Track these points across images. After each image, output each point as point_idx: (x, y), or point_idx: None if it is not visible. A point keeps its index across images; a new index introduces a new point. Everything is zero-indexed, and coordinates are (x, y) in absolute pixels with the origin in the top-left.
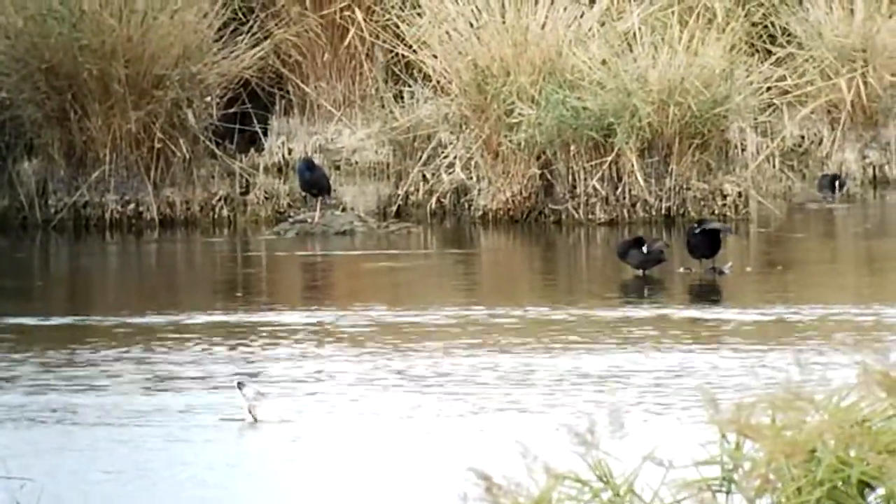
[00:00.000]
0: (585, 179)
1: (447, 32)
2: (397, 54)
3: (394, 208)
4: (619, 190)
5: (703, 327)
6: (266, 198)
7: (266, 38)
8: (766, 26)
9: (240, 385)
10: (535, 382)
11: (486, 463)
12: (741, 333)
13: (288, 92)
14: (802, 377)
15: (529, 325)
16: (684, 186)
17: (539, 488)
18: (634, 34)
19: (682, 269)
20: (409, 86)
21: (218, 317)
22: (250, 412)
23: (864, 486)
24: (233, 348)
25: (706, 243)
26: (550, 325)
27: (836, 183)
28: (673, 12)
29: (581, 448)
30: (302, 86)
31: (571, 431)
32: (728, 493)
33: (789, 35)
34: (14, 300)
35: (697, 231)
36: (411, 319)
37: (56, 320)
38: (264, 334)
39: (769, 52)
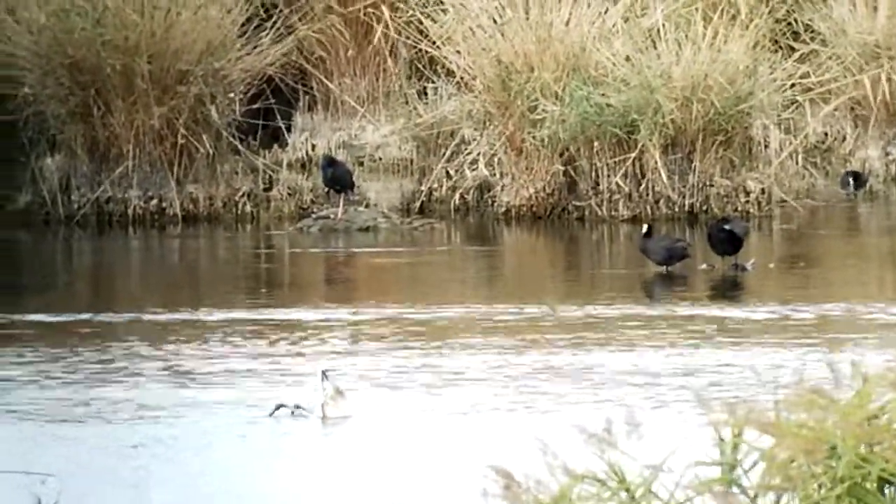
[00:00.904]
0: (609, 176)
1: (471, 29)
2: (421, 51)
3: (417, 204)
4: (643, 186)
5: (726, 325)
6: (289, 194)
7: (290, 33)
8: (789, 23)
9: (324, 375)
10: (554, 380)
11: (505, 460)
12: (763, 331)
13: (311, 88)
14: (831, 375)
15: (550, 322)
16: (707, 183)
17: (558, 487)
18: (658, 30)
19: (704, 266)
20: (433, 82)
21: (242, 313)
22: (322, 407)
23: (885, 482)
24: (256, 345)
25: (729, 240)
26: (571, 323)
27: (854, 179)
28: (697, 9)
29: (598, 447)
30: (326, 82)
31: (587, 431)
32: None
33: (813, 32)
34: (38, 296)
35: (725, 228)
36: (432, 316)
37: (80, 316)
38: (287, 331)
39: (792, 49)
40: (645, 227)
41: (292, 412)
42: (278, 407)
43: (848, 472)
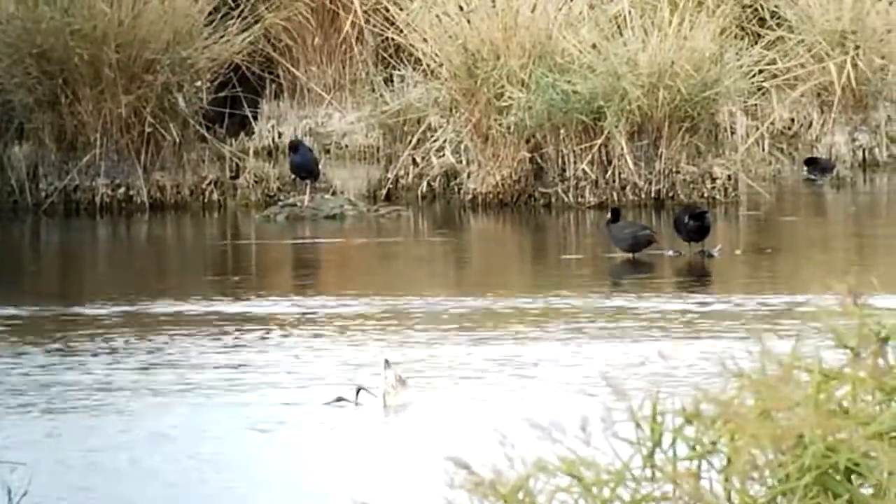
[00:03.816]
0: (575, 163)
1: (437, 16)
2: (387, 38)
3: (384, 192)
4: (609, 173)
5: (692, 313)
6: (256, 181)
7: (256, 22)
8: (755, 9)
9: (387, 363)
10: (519, 372)
11: (470, 453)
12: (731, 319)
13: (278, 76)
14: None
15: (517, 313)
16: (674, 170)
17: (518, 477)
18: (624, 17)
19: (671, 253)
20: (400, 69)
21: (210, 304)
22: (383, 396)
23: (852, 472)
24: (220, 338)
25: (695, 226)
26: (537, 313)
27: (810, 164)
28: None
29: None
30: (292, 70)
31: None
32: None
33: (779, 19)
34: (6, 286)
35: (689, 219)
36: (399, 307)
37: (49, 307)
38: (254, 322)
39: (759, 36)
40: (610, 213)
41: (358, 392)
42: (338, 399)
43: (815, 462)
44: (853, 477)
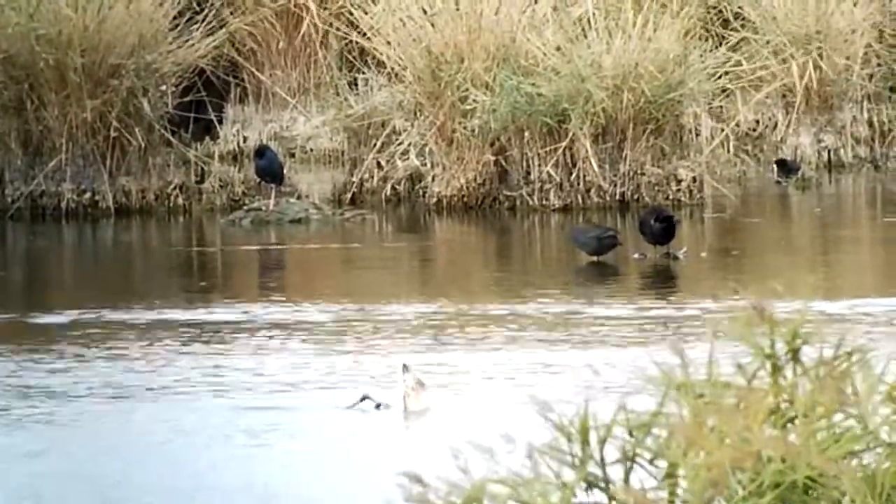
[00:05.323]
0: (540, 165)
1: (401, 19)
2: (351, 42)
3: (349, 195)
4: (574, 176)
5: (657, 319)
6: (221, 186)
7: (221, 26)
8: (720, 11)
9: (405, 367)
10: (478, 380)
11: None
12: (696, 324)
13: (243, 80)
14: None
15: (480, 319)
16: (639, 172)
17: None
18: (588, 20)
19: (636, 255)
20: (364, 73)
21: (175, 310)
22: (403, 399)
23: (809, 489)
24: (188, 343)
25: (661, 229)
26: (501, 319)
27: (779, 166)
28: None
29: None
30: (257, 74)
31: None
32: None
33: (743, 20)
34: None
35: (655, 222)
36: (365, 315)
37: (15, 312)
38: (220, 327)
39: (723, 37)
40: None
41: (378, 406)
42: (363, 398)
43: (774, 479)
44: (811, 493)
